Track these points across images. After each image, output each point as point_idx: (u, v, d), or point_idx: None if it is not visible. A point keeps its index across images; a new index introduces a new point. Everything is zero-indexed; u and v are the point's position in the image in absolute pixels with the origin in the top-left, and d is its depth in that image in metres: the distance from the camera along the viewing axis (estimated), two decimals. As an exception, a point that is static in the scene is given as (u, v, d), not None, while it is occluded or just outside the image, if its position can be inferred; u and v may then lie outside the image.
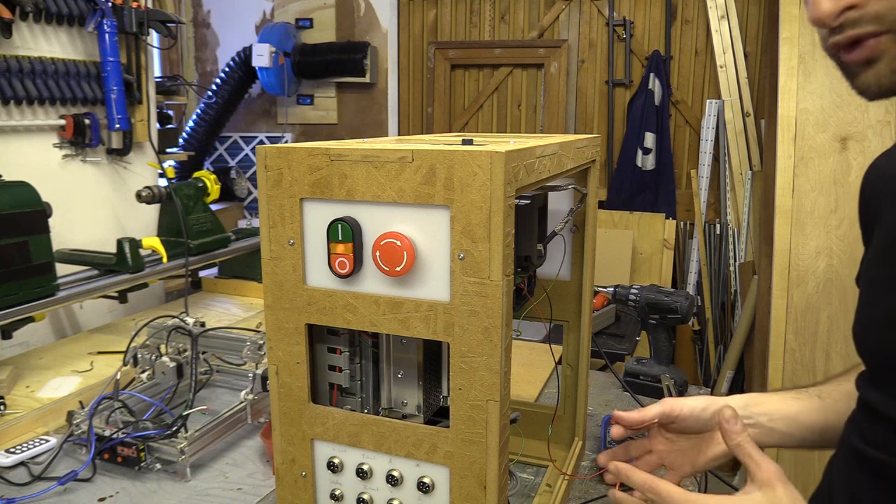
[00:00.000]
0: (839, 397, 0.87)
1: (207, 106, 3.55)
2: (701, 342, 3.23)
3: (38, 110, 1.98)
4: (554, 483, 1.03)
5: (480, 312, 0.63)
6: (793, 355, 2.41)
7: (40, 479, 1.10)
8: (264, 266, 0.72)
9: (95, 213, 2.20)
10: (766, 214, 2.75)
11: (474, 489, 0.67)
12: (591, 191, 1.02)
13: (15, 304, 1.47)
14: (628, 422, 0.87)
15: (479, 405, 0.65)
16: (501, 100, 3.51)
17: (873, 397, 0.74)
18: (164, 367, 1.32)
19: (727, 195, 3.13)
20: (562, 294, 1.08)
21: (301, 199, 0.68)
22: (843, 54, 0.62)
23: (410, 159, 0.63)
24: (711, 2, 3.06)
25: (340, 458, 0.74)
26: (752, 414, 0.85)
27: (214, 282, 2.22)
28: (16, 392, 1.41)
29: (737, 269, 3.11)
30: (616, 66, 3.28)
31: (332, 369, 0.76)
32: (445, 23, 3.53)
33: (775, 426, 0.85)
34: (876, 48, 0.59)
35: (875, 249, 0.79)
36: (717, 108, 3.10)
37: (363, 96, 3.63)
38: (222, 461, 1.19)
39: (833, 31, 0.61)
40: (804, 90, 2.46)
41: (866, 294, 0.79)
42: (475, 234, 0.62)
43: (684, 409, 0.86)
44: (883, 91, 0.62)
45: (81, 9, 2.01)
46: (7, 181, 1.52)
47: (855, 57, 0.61)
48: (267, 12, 3.74)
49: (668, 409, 0.87)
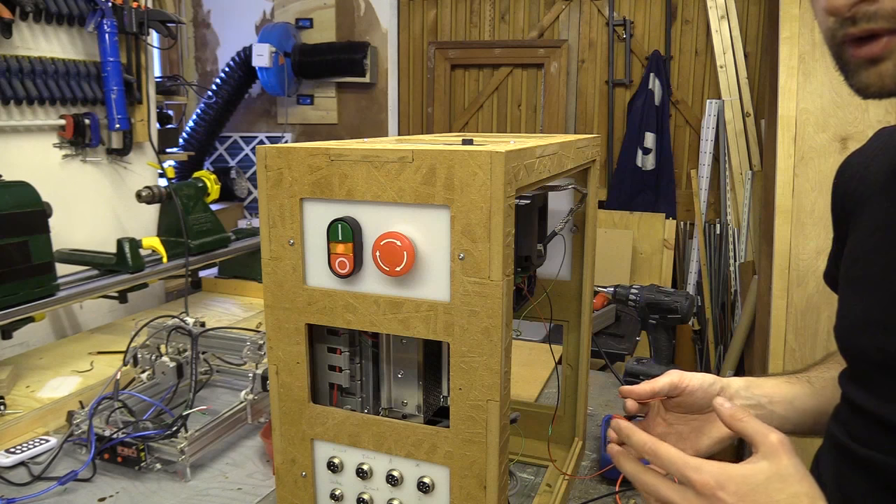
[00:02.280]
0: (826, 384, 0.87)
1: (207, 106, 3.54)
2: (701, 342, 3.23)
3: (38, 110, 1.98)
4: (554, 483, 1.03)
5: (480, 312, 0.63)
6: (793, 355, 2.41)
7: (40, 479, 1.10)
8: (264, 266, 0.72)
9: (95, 213, 2.20)
10: (766, 214, 2.75)
11: (474, 489, 0.67)
12: (591, 191, 1.02)
13: (15, 304, 1.46)
14: (638, 394, 0.83)
15: (479, 405, 0.65)
16: (501, 100, 3.51)
17: (856, 395, 0.74)
18: (164, 367, 1.32)
19: (727, 195, 3.13)
20: (562, 294, 1.08)
21: (301, 199, 0.68)
22: (851, 48, 0.61)
23: (410, 159, 0.63)
24: (711, 2, 3.06)
25: (340, 458, 0.74)
26: (754, 395, 0.85)
27: (214, 282, 2.22)
28: (16, 392, 1.41)
29: (737, 269, 3.11)
30: (616, 66, 3.28)
31: (332, 369, 0.76)
32: (445, 23, 3.53)
33: (774, 409, 0.85)
34: (888, 46, 0.58)
35: (854, 248, 0.80)
36: (717, 108, 3.10)
37: (363, 96, 3.63)
38: (222, 461, 1.19)
39: (844, 23, 0.60)
40: (804, 90, 2.46)
41: (846, 293, 0.80)
42: (475, 234, 0.62)
43: (693, 382, 0.82)
44: (884, 91, 0.60)
45: (81, 9, 2.01)
46: (7, 181, 1.52)
47: (864, 52, 0.60)
48: (267, 12, 3.74)
49: (676, 380, 0.82)
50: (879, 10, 0.57)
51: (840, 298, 0.81)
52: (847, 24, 0.60)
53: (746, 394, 0.85)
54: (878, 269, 0.73)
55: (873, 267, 0.74)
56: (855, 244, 0.80)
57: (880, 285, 0.72)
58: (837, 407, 0.80)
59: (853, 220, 0.81)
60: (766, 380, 0.88)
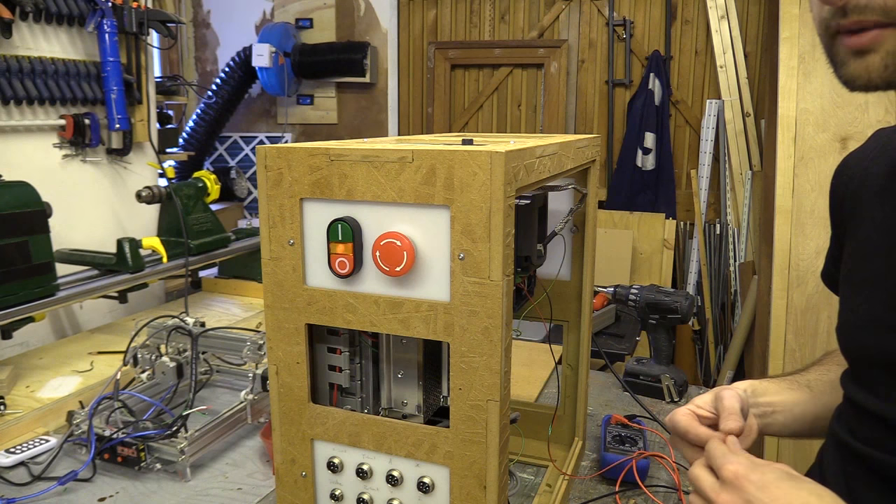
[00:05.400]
0: (825, 388, 0.88)
1: (207, 106, 3.55)
2: (701, 342, 3.23)
3: (38, 110, 1.98)
4: (554, 483, 1.03)
5: (480, 312, 0.63)
6: (793, 355, 2.41)
7: (40, 479, 1.10)
8: (264, 266, 0.72)
9: (95, 213, 2.20)
10: (766, 214, 2.75)
11: (474, 489, 0.67)
12: (591, 191, 1.02)
13: (15, 304, 1.46)
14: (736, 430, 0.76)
15: (479, 405, 0.65)
16: (501, 100, 3.51)
17: (858, 395, 0.75)
18: (164, 367, 1.32)
19: (727, 195, 3.13)
20: (562, 294, 1.08)
21: (301, 199, 0.68)
22: (843, 38, 0.61)
23: (410, 159, 0.63)
24: (711, 2, 3.06)
25: (340, 458, 0.74)
26: (757, 403, 0.85)
27: (214, 282, 2.22)
28: (16, 392, 1.41)
29: (737, 269, 3.11)
30: (616, 66, 3.28)
31: (332, 369, 0.76)
32: (445, 23, 3.53)
33: (776, 417, 0.86)
34: (876, 39, 0.58)
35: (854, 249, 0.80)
36: (717, 108, 3.10)
37: (363, 96, 3.63)
38: (222, 461, 1.19)
39: (836, 14, 0.60)
40: (804, 90, 2.46)
41: (847, 293, 0.80)
42: (475, 234, 0.62)
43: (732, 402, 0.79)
44: (871, 84, 0.60)
45: (81, 9, 2.01)
46: (7, 181, 1.52)
47: (853, 43, 0.60)
48: (267, 12, 3.74)
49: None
50: (870, 2, 0.57)
51: (841, 299, 0.82)
52: (839, 15, 0.60)
53: (751, 401, 0.85)
54: (879, 270, 0.73)
55: (874, 267, 0.74)
56: (855, 245, 0.80)
57: (881, 285, 0.72)
58: (840, 406, 0.81)
59: (852, 220, 0.81)
60: (768, 385, 0.88)
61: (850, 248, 0.81)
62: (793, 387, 0.89)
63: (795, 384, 0.90)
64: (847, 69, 0.62)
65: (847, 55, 0.61)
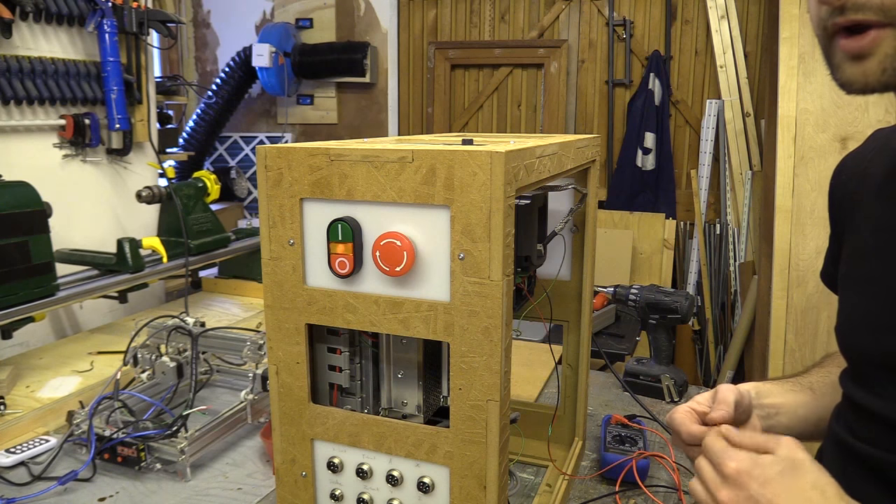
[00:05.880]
0: (826, 390, 0.89)
1: (207, 106, 3.54)
2: (701, 342, 3.23)
3: (38, 110, 1.98)
4: (554, 483, 1.03)
5: (480, 312, 0.63)
6: (793, 355, 2.41)
7: (40, 479, 1.10)
8: (264, 266, 0.72)
9: (95, 213, 2.20)
10: (766, 214, 2.75)
11: (474, 489, 0.67)
12: (591, 191, 1.02)
13: (15, 304, 1.46)
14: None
15: (479, 405, 0.65)
16: (501, 100, 3.51)
17: (857, 394, 0.75)
18: (164, 367, 1.32)
19: (727, 195, 3.13)
20: (562, 294, 1.08)
21: (301, 199, 0.68)
22: (841, 39, 0.61)
23: (410, 159, 0.63)
24: (711, 2, 3.06)
25: (340, 458, 0.74)
26: (761, 404, 0.85)
27: (214, 282, 2.22)
28: (16, 392, 1.41)
29: (737, 269, 3.11)
30: (616, 66, 3.28)
31: (332, 369, 0.76)
32: (445, 23, 3.53)
33: (780, 419, 0.86)
34: (874, 41, 0.58)
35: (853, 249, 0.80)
36: (717, 108, 3.10)
37: (363, 96, 3.63)
38: (222, 461, 1.19)
39: (834, 12, 0.60)
40: (804, 90, 2.46)
41: (847, 293, 0.80)
42: (475, 234, 0.62)
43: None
44: (867, 88, 0.60)
45: (81, 9, 2.01)
46: (7, 181, 1.52)
47: (852, 45, 0.59)
48: (267, 12, 3.74)
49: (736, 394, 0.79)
50: (868, 1, 0.57)
51: (840, 299, 0.82)
52: (836, 14, 0.60)
53: (756, 402, 0.85)
54: (878, 270, 0.73)
55: (873, 267, 0.75)
56: (854, 245, 0.80)
57: (880, 285, 0.72)
58: (839, 405, 0.81)
59: (851, 220, 0.82)
60: (772, 387, 0.88)
61: (849, 248, 0.81)
62: (795, 389, 0.89)
63: (798, 386, 0.90)
64: (843, 73, 0.62)
65: (844, 59, 0.61)
